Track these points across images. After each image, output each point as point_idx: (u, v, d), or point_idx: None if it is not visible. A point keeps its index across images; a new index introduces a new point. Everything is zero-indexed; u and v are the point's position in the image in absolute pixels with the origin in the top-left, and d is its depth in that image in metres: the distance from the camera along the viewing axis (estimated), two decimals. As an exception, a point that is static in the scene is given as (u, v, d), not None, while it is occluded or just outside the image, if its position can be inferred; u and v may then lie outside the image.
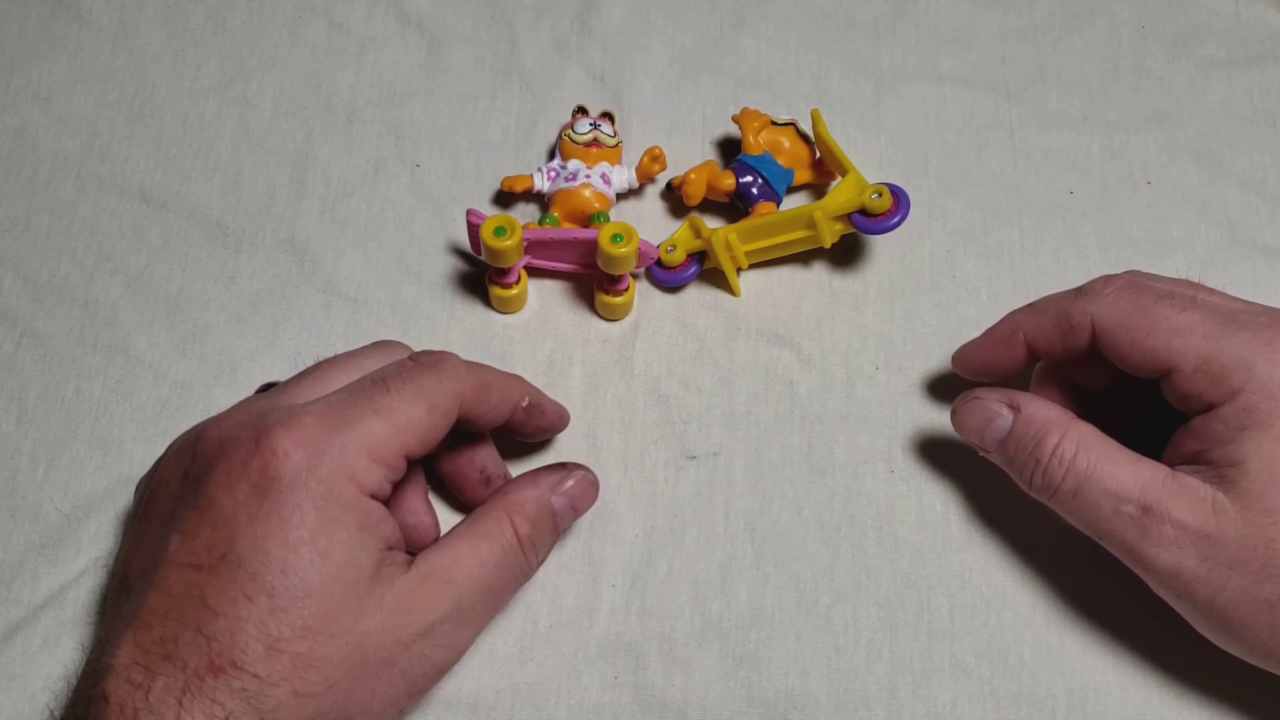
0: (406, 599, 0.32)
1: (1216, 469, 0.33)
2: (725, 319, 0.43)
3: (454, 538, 0.34)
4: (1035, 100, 0.48)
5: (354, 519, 0.31)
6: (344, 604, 0.30)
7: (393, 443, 0.32)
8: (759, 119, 0.45)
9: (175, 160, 0.46)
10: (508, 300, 0.43)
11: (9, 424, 0.41)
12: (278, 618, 0.29)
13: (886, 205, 0.40)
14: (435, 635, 0.32)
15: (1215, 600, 0.33)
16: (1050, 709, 0.37)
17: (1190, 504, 0.33)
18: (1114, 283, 0.36)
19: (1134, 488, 0.33)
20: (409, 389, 0.33)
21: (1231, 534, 0.32)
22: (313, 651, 0.30)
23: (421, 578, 0.32)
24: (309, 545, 0.30)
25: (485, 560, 0.33)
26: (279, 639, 0.29)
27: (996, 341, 0.39)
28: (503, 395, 0.36)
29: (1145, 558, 0.33)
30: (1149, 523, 0.33)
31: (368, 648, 0.31)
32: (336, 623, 0.30)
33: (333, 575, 0.30)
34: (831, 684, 0.37)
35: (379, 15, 0.49)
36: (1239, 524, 0.32)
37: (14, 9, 0.49)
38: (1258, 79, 0.48)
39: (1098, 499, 0.34)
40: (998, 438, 0.36)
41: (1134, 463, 0.34)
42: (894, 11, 0.50)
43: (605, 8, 0.49)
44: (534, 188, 0.44)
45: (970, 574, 0.39)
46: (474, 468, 0.38)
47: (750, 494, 0.40)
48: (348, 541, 0.31)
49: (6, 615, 0.38)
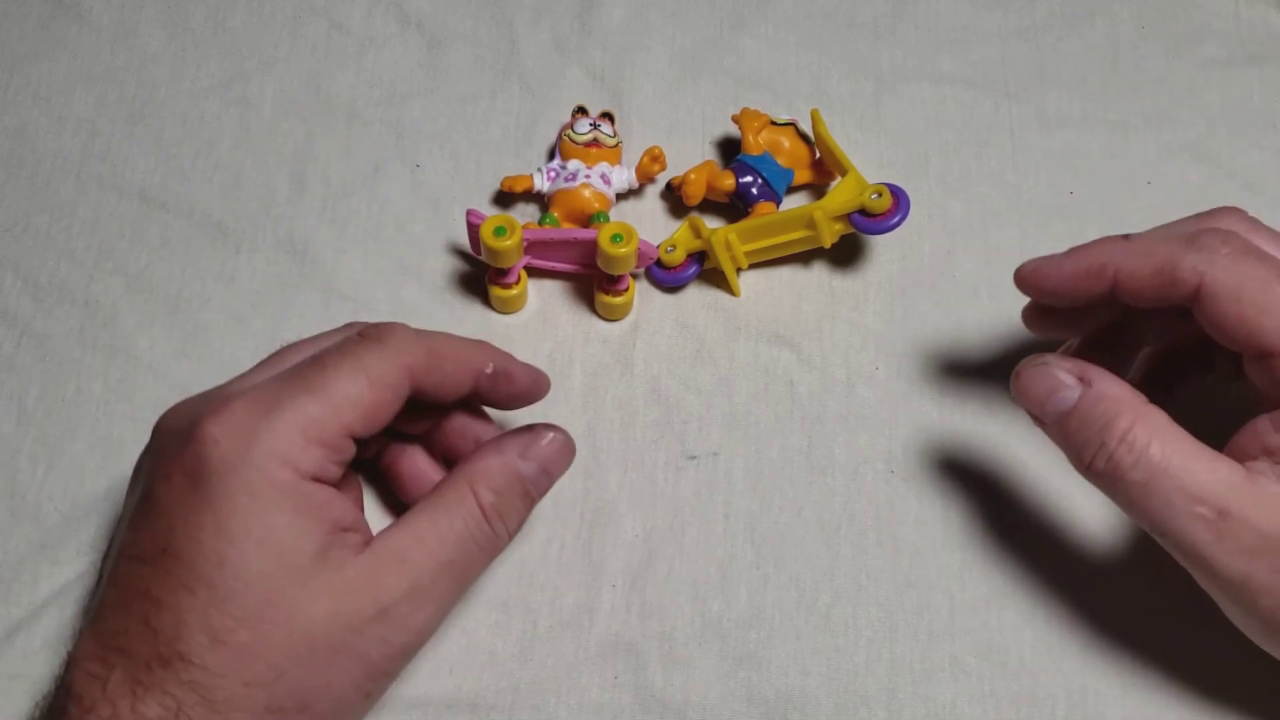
0: (358, 582, 0.30)
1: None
2: (725, 319, 0.43)
3: (414, 513, 0.32)
4: (1035, 100, 0.48)
5: (291, 504, 0.30)
6: (285, 591, 0.29)
7: (330, 422, 0.31)
8: (759, 119, 0.45)
9: (175, 160, 0.46)
10: (508, 300, 0.43)
11: (9, 424, 0.41)
12: (219, 609, 0.29)
13: (886, 205, 0.40)
14: (390, 618, 0.31)
15: (1278, 612, 0.31)
16: (1050, 709, 0.37)
17: (1273, 512, 0.30)
18: (1230, 243, 0.32)
19: (1211, 488, 0.31)
20: (347, 364, 0.31)
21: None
22: (256, 641, 0.29)
23: (375, 558, 0.31)
24: (243, 534, 0.29)
25: (445, 535, 0.32)
26: (221, 630, 0.29)
27: (1081, 270, 0.34)
28: (459, 362, 0.34)
29: (1214, 564, 0.31)
30: (1225, 528, 0.30)
31: (315, 635, 0.30)
32: (278, 610, 0.29)
33: (271, 563, 0.29)
34: (831, 684, 0.37)
35: (379, 15, 0.49)
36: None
37: (14, 9, 0.49)
38: (1258, 79, 0.48)
39: (1170, 495, 0.31)
40: (1061, 409, 0.33)
41: (1212, 460, 0.31)
42: (894, 11, 0.50)
43: (605, 8, 0.49)
44: (534, 188, 0.44)
45: (970, 574, 0.39)
46: (467, 440, 0.37)
47: (750, 494, 0.40)
48: (286, 527, 0.30)
49: (6, 615, 0.38)
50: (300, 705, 0.30)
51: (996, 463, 0.41)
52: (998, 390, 0.42)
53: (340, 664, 0.30)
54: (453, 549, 0.32)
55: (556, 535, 0.39)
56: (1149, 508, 0.32)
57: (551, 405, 0.41)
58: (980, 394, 0.42)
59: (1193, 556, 0.32)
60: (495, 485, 0.33)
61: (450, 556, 0.32)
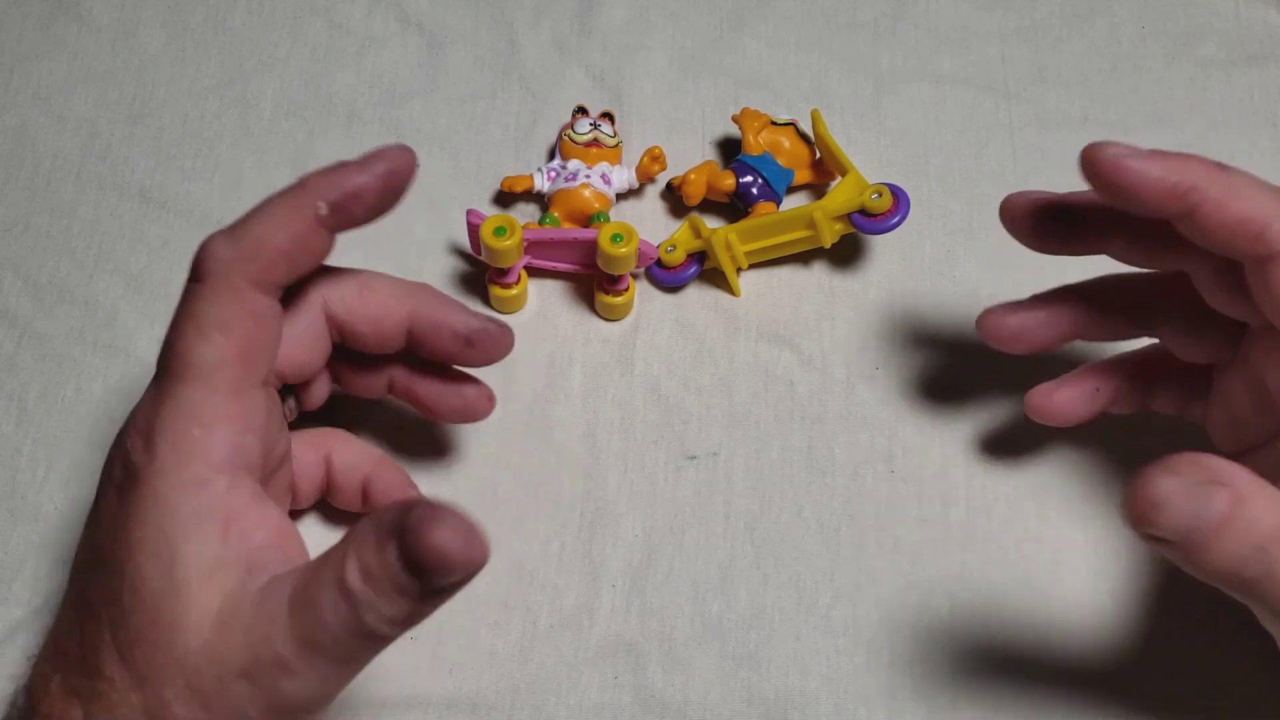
0: (235, 626, 0.27)
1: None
2: (725, 319, 0.43)
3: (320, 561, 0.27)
4: (1035, 100, 0.48)
5: (190, 509, 0.27)
6: (166, 611, 0.27)
7: (210, 401, 0.28)
8: (759, 119, 0.45)
9: (175, 160, 0.46)
10: (508, 300, 0.43)
11: (9, 424, 0.41)
12: (122, 623, 0.27)
13: (886, 205, 0.40)
14: (258, 681, 0.27)
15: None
16: (1051, 709, 0.37)
17: None
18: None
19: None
20: (189, 326, 0.29)
21: None
22: (147, 663, 0.27)
23: (260, 605, 0.27)
24: (141, 547, 0.27)
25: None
26: (123, 645, 0.27)
27: (1169, 184, 0.31)
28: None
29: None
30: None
31: (190, 671, 0.27)
32: (160, 633, 0.27)
33: (160, 580, 0.27)
34: (831, 684, 0.37)
35: (379, 15, 0.49)
36: None
37: (14, 9, 0.49)
38: (1258, 79, 0.48)
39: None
40: (1213, 524, 0.27)
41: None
42: (894, 11, 0.50)
43: (605, 8, 0.49)
44: (534, 188, 0.44)
45: (970, 574, 0.39)
46: (443, 336, 0.34)
47: (750, 494, 0.40)
48: (181, 538, 0.27)
49: (6, 615, 0.38)
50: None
51: (996, 463, 0.41)
52: (998, 390, 0.42)
53: (239, 692, 0.27)
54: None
55: (556, 535, 0.39)
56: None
57: (552, 405, 0.42)
58: (980, 394, 0.42)
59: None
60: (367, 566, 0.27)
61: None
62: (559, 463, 0.41)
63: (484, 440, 0.41)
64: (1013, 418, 0.41)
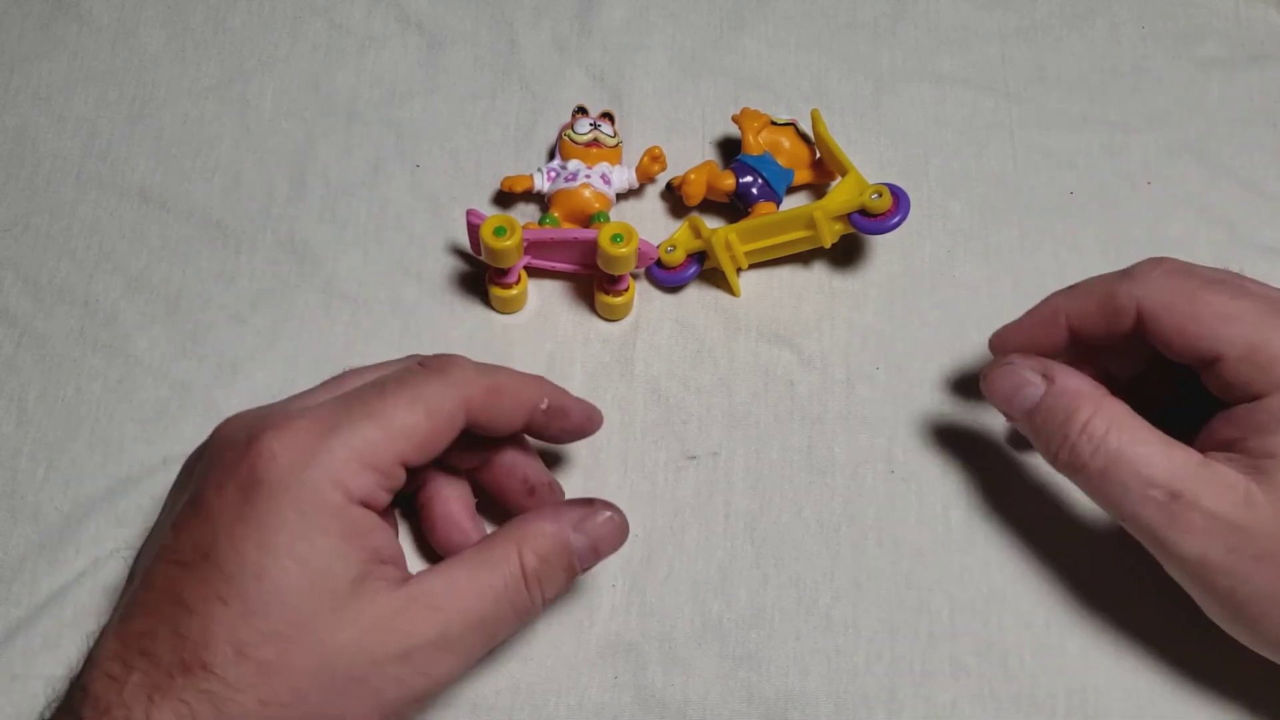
0: (388, 618, 0.30)
1: (1252, 459, 0.32)
2: (725, 319, 0.43)
3: (455, 562, 0.32)
4: (1035, 100, 0.48)
5: (338, 527, 0.30)
6: (316, 613, 0.29)
7: (386, 449, 0.31)
8: (759, 119, 0.45)
9: (175, 160, 0.46)
10: (508, 300, 0.43)
11: (9, 424, 0.41)
12: (248, 622, 0.29)
13: (886, 205, 0.40)
14: (413, 661, 0.30)
15: (1237, 592, 0.32)
16: (1050, 710, 0.37)
17: (1222, 493, 0.32)
18: (1161, 265, 0.35)
19: (1164, 472, 0.32)
20: (406, 393, 0.32)
21: (1262, 527, 0.31)
22: (280, 659, 0.29)
23: (409, 599, 0.31)
24: (286, 551, 0.29)
25: (483, 591, 0.32)
26: (247, 644, 0.29)
27: (1037, 323, 0.37)
28: (516, 398, 0.34)
29: (1170, 545, 0.33)
30: (1177, 510, 0.32)
31: (338, 662, 0.30)
32: (306, 632, 0.29)
33: (308, 583, 0.29)
34: (831, 684, 0.37)
35: (379, 15, 0.49)
36: (1271, 518, 0.31)
37: (14, 9, 0.49)
38: (1258, 79, 0.48)
39: (1125, 481, 0.33)
40: (1026, 407, 0.35)
41: (1166, 446, 0.33)
42: (894, 11, 0.50)
43: (605, 8, 0.49)
44: (534, 188, 0.44)
45: (970, 574, 0.39)
46: (515, 479, 0.37)
47: (750, 494, 0.40)
48: (328, 550, 0.30)
49: (6, 615, 0.38)
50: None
51: (997, 462, 0.41)
52: (998, 390, 0.42)
53: (356, 697, 0.30)
54: (487, 606, 0.32)
55: (556, 535, 0.39)
56: (1108, 494, 0.34)
57: (551, 405, 0.41)
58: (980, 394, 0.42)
59: (1152, 539, 0.33)
60: (542, 551, 0.33)
61: (483, 613, 0.32)
62: (559, 463, 0.41)
63: (484, 440, 0.41)
64: (1013, 418, 0.41)
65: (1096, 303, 0.35)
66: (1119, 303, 0.35)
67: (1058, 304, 0.37)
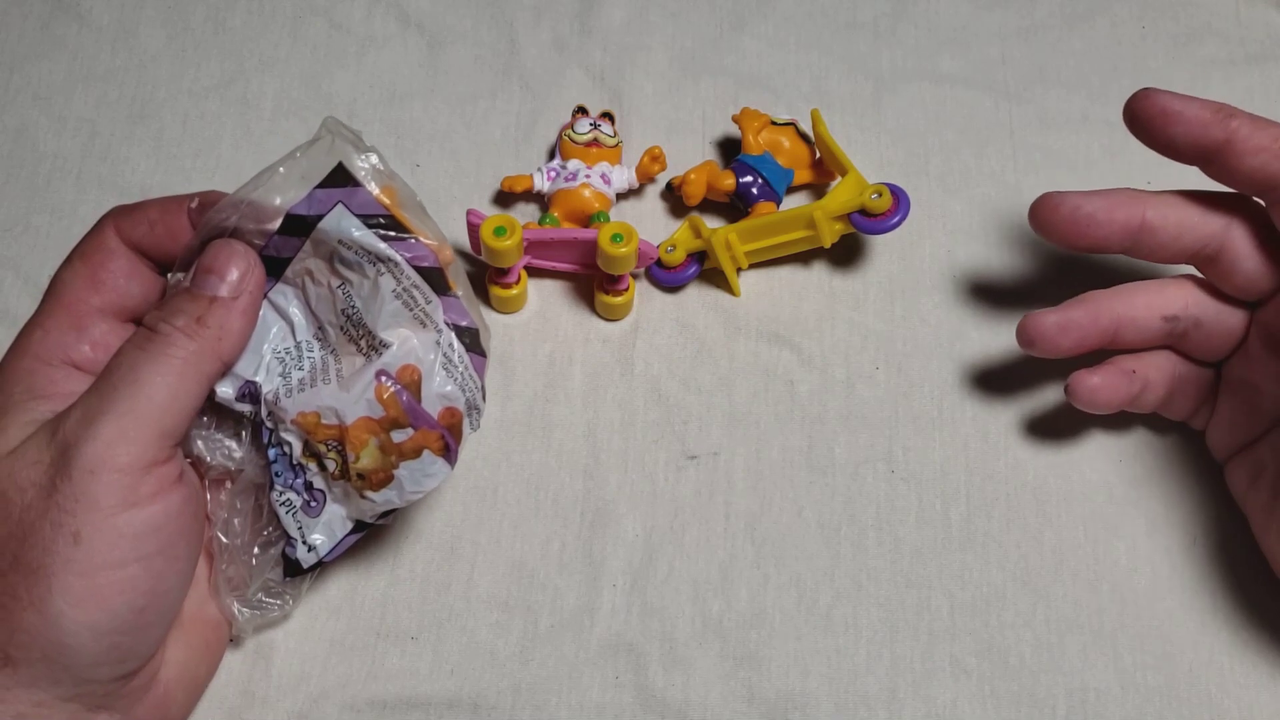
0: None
1: None
2: (725, 319, 0.43)
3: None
4: (1035, 100, 0.48)
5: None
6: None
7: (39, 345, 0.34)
8: (759, 119, 0.45)
9: (175, 160, 0.46)
10: (508, 300, 0.43)
11: (9, 424, 0.41)
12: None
13: (886, 205, 0.40)
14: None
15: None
16: (1050, 709, 0.37)
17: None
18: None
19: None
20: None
21: None
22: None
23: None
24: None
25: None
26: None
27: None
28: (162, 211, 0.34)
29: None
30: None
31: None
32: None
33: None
34: (831, 684, 0.37)
35: (379, 15, 0.49)
36: None
37: (14, 9, 0.49)
38: (1258, 79, 0.48)
39: None
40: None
41: None
42: (894, 11, 0.50)
43: (605, 8, 0.49)
44: (534, 188, 0.44)
45: (970, 574, 0.39)
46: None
47: (750, 494, 0.40)
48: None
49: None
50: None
51: (997, 462, 0.41)
52: (998, 390, 0.42)
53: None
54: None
55: (557, 535, 0.40)
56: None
57: (552, 405, 0.42)
58: (980, 394, 0.42)
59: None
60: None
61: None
62: (559, 463, 0.41)
63: (484, 440, 0.41)
64: (1013, 418, 0.41)
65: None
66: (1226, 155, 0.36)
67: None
